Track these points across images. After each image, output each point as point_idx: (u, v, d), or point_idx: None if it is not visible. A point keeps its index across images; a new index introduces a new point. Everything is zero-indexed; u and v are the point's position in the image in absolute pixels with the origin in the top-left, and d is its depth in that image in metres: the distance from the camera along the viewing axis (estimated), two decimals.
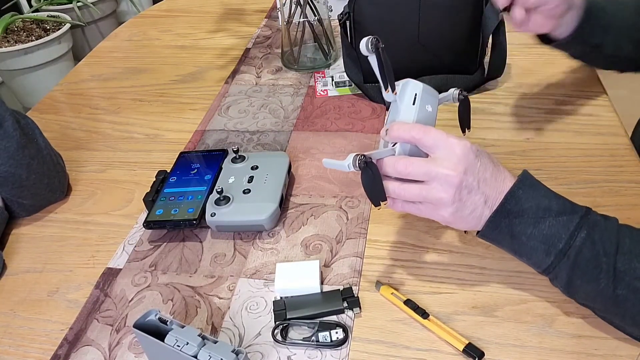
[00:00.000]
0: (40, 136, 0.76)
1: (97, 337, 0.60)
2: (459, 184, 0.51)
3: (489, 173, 0.53)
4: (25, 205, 0.76)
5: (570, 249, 0.51)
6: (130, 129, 0.95)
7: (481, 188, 0.52)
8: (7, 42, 2.23)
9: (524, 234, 0.52)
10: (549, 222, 0.51)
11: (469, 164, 0.52)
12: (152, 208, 0.72)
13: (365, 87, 0.94)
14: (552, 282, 0.55)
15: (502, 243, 0.55)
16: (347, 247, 0.67)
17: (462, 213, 0.53)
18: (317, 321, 0.58)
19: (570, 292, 0.54)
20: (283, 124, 0.91)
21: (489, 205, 0.53)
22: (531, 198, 0.52)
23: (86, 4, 2.58)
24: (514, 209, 0.52)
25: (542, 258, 0.52)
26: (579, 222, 0.51)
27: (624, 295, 0.50)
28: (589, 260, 0.50)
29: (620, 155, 0.77)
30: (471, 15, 0.88)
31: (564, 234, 0.51)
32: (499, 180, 0.53)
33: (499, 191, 0.53)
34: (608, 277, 0.50)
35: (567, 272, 0.52)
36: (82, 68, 1.17)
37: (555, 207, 0.52)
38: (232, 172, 0.75)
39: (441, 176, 0.51)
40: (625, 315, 0.52)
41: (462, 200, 0.52)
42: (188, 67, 1.12)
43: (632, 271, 0.49)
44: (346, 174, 0.79)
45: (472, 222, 0.54)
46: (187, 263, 0.68)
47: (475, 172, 0.52)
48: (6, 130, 0.69)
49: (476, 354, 0.53)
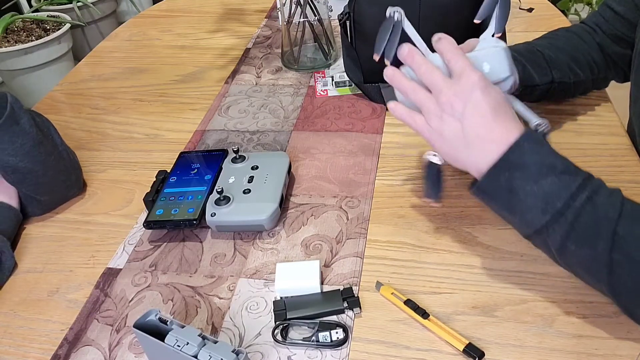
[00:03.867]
0: (56, 133, 0.77)
1: (97, 337, 0.60)
2: (450, 103, 0.54)
3: (492, 108, 0.54)
4: (43, 202, 0.77)
5: (569, 209, 0.49)
6: (130, 129, 0.95)
7: (483, 117, 0.54)
8: (7, 42, 2.23)
9: (522, 190, 0.51)
10: (550, 179, 0.50)
11: (483, 87, 0.53)
12: (152, 208, 0.72)
13: (365, 87, 0.94)
14: (539, 244, 0.54)
15: (497, 198, 0.54)
16: (347, 247, 0.67)
17: (442, 129, 0.56)
18: (317, 321, 0.58)
19: (560, 255, 0.52)
20: (283, 124, 0.91)
21: (478, 142, 0.54)
22: (536, 153, 0.51)
23: (86, 4, 2.58)
24: (517, 161, 0.51)
25: (537, 217, 0.51)
26: (581, 184, 0.49)
27: (619, 261, 0.48)
28: (587, 223, 0.49)
29: (620, 155, 0.77)
30: (471, 15, 0.87)
31: (565, 194, 0.49)
32: (498, 122, 0.54)
33: (501, 135, 0.53)
34: (606, 242, 0.48)
35: (562, 234, 0.50)
36: (82, 68, 1.17)
37: (559, 166, 0.50)
38: (232, 172, 0.75)
39: (445, 92, 0.54)
40: (616, 284, 0.50)
41: (443, 119, 0.55)
42: (188, 67, 1.12)
43: (631, 236, 0.48)
44: (346, 174, 0.79)
45: (451, 148, 0.56)
46: (187, 263, 0.68)
47: (474, 104, 0.54)
48: (22, 127, 0.71)
49: (476, 354, 0.53)
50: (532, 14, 1.17)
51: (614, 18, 0.78)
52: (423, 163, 0.63)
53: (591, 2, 2.45)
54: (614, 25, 0.78)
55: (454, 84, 0.55)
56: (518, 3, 1.20)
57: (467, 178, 0.76)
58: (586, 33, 0.80)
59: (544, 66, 0.74)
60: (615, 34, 0.78)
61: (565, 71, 0.75)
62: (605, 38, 0.78)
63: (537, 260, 0.63)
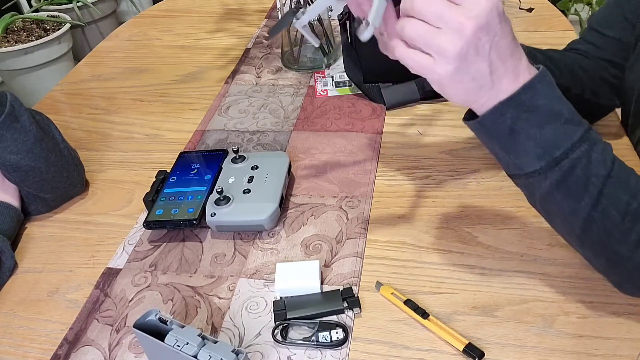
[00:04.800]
0: (56, 130, 0.78)
1: (97, 337, 0.60)
2: (470, 39, 0.44)
3: (506, 43, 0.46)
4: (47, 200, 0.77)
5: (566, 160, 0.48)
6: (130, 129, 0.95)
7: (491, 56, 0.46)
8: (7, 42, 2.23)
9: (525, 132, 0.48)
10: (555, 126, 0.48)
11: (489, 21, 0.44)
12: (152, 208, 0.72)
13: (365, 87, 0.94)
14: (523, 187, 0.53)
15: (495, 135, 0.50)
16: (347, 247, 0.67)
17: (461, 76, 0.46)
18: (317, 321, 0.58)
19: (542, 201, 0.52)
20: (283, 124, 0.91)
21: (494, 80, 0.47)
22: (548, 96, 0.49)
23: (86, 4, 2.58)
24: (528, 103, 0.48)
25: (531, 161, 0.49)
26: (582, 136, 0.49)
27: (595, 218, 0.49)
28: (579, 177, 0.49)
29: (621, 155, 0.76)
30: None
31: (565, 144, 0.48)
32: (514, 58, 0.47)
33: (511, 69, 0.47)
34: (590, 199, 0.49)
35: (552, 182, 0.49)
36: (82, 68, 1.17)
37: (566, 114, 0.49)
38: (232, 172, 0.75)
39: (454, 23, 0.44)
40: (585, 239, 0.51)
41: (467, 61, 0.45)
42: (188, 67, 1.12)
43: (613, 197, 0.49)
44: (347, 174, 0.79)
45: (470, 92, 0.47)
46: (187, 263, 0.68)
47: (492, 35, 0.45)
48: (23, 125, 0.71)
49: (476, 354, 0.53)
50: (532, 14, 1.17)
51: (604, 42, 0.76)
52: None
53: (591, 2, 2.45)
54: (606, 49, 0.76)
55: (463, 8, 0.45)
56: (518, 3, 1.20)
57: (467, 178, 0.76)
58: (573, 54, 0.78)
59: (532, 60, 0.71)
60: (604, 57, 0.76)
61: (557, 76, 0.71)
62: (596, 61, 0.77)
63: (537, 260, 0.63)
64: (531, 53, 0.72)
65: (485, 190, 0.74)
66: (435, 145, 0.83)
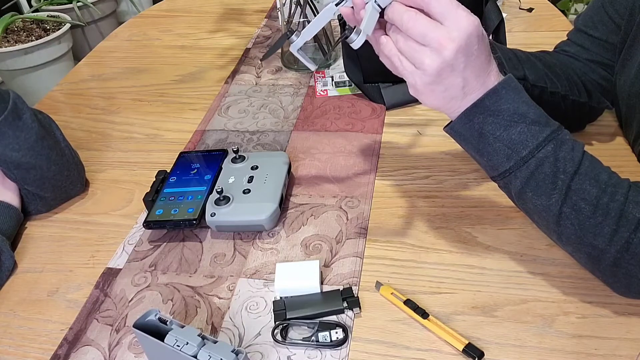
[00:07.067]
0: (57, 130, 0.78)
1: (97, 337, 0.60)
2: (448, 60, 0.49)
3: (480, 61, 0.51)
4: (47, 199, 0.77)
5: (532, 159, 0.52)
6: (130, 129, 0.95)
7: (466, 72, 0.50)
8: (7, 42, 2.23)
9: (492, 134, 0.53)
10: (520, 128, 0.52)
11: (468, 43, 0.49)
12: (152, 208, 0.72)
13: (365, 87, 0.94)
14: (502, 187, 0.57)
15: (467, 140, 0.55)
16: (347, 247, 0.67)
17: (435, 87, 0.51)
18: (317, 321, 0.58)
19: (518, 199, 0.56)
20: (283, 124, 0.91)
21: (465, 92, 0.52)
22: (511, 100, 0.52)
23: (86, 4, 2.58)
24: (492, 107, 0.52)
25: (502, 161, 0.53)
26: (548, 136, 0.52)
27: (567, 213, 0.52)
28: (547, 174, 0.52)
29: (621, 155, 0.77)
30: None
31: (531, 144, 0.52)
32: (484, 72, 0.52)
33: (481, 83, 0.52)
34: (560, 195, 0.52)
35: (522, 180, 0.53)
36: (82, 68, 1.17)
37: (531, 116, 0.52)
38: (232, 172, 0.75)
39: (435, 43, 0.49)
40: (562, 234, 0.54)
41: (442, 76, 0.50)
42: (188, 67, 1.12)
43: (582, 192, 0.51)
44: (346, 174, 0.79)
45: (441, 101, 0.53)
46: (187, 263, 0.68)
47: (468, 55, 0.49)
48: (25, 122, 0.72)
49: (476, 354, 0.53)
50: (532, 14, 1.17)
51: (592, 43, 0.76)
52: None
53: None
54: (593, 51, 0.76)
55: (445, 30, 0.49)
56: (518, 3, 1.20)
57: (467, 178, 0.76)
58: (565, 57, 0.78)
59: (515, 62, 0.71)
60: (593, 59, 0.76)
61: (541, 76, 0.72)
62: (586, 64, 0.77)
63: (537, 260, 0.63)
64: (530, 60, 0.73)
65: (485, 190, 0.74)
66: (435, 145, 0.83)
